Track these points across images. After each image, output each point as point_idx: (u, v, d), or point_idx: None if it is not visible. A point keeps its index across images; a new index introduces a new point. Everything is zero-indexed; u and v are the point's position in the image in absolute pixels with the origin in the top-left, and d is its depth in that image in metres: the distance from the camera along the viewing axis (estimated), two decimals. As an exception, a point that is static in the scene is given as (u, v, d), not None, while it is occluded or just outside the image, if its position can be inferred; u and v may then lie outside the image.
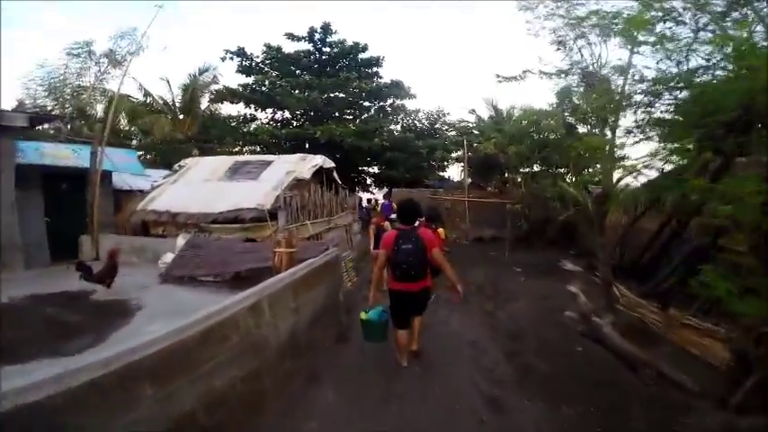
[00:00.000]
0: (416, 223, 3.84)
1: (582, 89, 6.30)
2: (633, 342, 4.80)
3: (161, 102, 16.00)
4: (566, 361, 4.52)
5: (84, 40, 12.88)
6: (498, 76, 7.38)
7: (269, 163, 7.34)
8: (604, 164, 5.42)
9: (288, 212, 5.92)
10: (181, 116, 16.12)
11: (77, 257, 7.25)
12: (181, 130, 15.42)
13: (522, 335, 5.07)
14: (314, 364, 3.91)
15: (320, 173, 7.66)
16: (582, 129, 13.13)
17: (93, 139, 7.22)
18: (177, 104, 16.11)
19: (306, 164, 7.09)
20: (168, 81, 16.10)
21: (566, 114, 12.88)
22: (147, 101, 15.37)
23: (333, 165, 7.95)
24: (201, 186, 7.19)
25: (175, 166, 8.69)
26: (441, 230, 6.08)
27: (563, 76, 6.29)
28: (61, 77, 12.64)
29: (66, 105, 12.99)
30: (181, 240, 5.74)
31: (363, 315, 3.66)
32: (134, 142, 15.84)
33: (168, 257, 5.53)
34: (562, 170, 13.62)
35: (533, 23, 6.58)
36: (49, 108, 13.35)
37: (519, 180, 14.51)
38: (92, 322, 3.94)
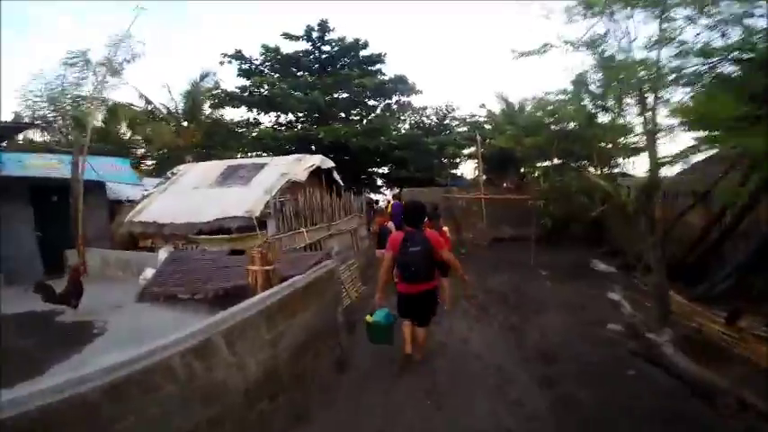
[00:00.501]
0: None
1: (612, 63, 5.40)
2: (695, 360, 3.94)
3: (164, 110, 15.68)
4: (615, 389, 3.70)
5: (79, 49, 12.59)
6: (514, 51, 6.47)
7: (262, 166, 6.71)
8: (650, 149, 4.55)
9: (279, 219, 5.25)
10: (184, 123, 15.78)
11: (63, 272, 6.82)
12: (184, 138, 15.05)
13: (556, 355, 4.23)
14: (302, 401, 3.20)
15: (319, 174, 6.98)
16: (604, 117, 12.21)
17: (75, 147, 6.71)
18: (180, 111, 15.77)
19: (301, 165, 6.42)
20: (169, 88, 15.80)
21: (585, 102, 11.95)
22: (149, 108, 15.06)
23: (332, 164, 7.26)
24: (190, 194, 6.61)
25: (168, 174, 8.17)
26: (445, 229, 5.74)
27: (594, 47, 5.39)
28: (59, 88, 12.33)
29: (67, 116, 12.70)
30: (162, 254, 5.14)
31: (369, 318, 3.58)
32: (140, 152, 15.57)
33: (149, 273, 4.94)
34: (584, 162, 12.65)
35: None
36: (49, 119, 13.13)
37: (537, 175, 13.58)
38: (42, 349, 3.36)
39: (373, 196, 16.33)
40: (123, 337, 3.50)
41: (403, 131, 16.26)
